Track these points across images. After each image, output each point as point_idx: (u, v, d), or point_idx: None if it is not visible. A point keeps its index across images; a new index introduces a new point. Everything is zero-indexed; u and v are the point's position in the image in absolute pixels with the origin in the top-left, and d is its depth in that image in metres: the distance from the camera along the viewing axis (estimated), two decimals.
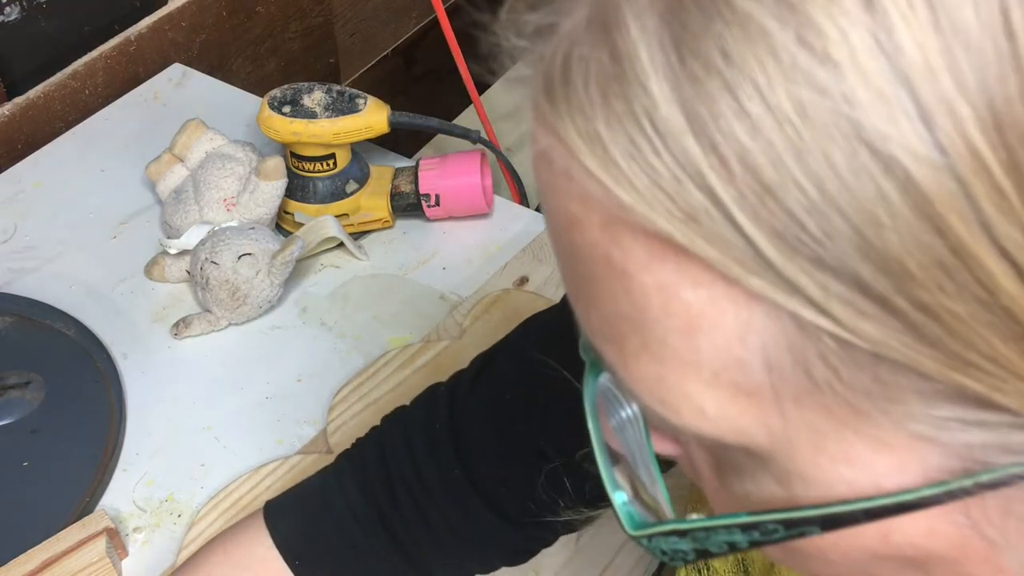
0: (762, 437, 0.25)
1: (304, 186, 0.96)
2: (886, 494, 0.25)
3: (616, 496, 0.30)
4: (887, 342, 0.22)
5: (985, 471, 0.24)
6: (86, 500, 0.78)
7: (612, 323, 0.26)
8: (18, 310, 0.90)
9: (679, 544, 0.29)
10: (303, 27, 1.36)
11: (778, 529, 0.26)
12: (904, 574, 0.27)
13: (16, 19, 1.04)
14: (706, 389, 0.25)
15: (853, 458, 0.25)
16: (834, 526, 0.26)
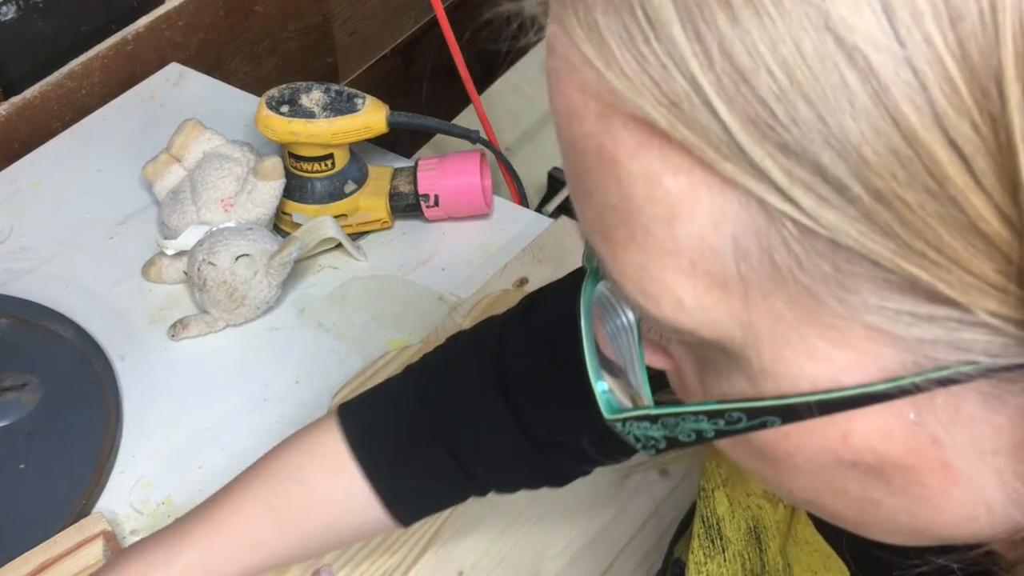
0: (734, 331, 0.27)
1: (302, 186, 0.96)
2: (843, 388, 0.26)
3: (598, 385, 0.32)
4: (844, 229, 0.24)
5: (935, 369, 0.25)
6: (83, 503, 0.78)
7: (603, 215, 0.28)
8: (14, 311, 0.90)
9: (651, 431, 0.31)
10: (301, 26, 1.36)
11: (741, 418, 0.28)
12: (868, 487, 0.29)
13: (12, 18, 1.03)
14: (684, 279, 0.27)
15: (815, 354, 0.26)
16: (793, 417, 0.28)
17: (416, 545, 0.76)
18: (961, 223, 0.23)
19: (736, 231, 0.25)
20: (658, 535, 0.77)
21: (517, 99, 1.33)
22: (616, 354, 0.33)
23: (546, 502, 0.79)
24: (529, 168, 1.20)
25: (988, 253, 0.24)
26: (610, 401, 0.33)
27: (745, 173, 0.24)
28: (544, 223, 1.01)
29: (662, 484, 0.80)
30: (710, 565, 0.50)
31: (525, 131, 1.29)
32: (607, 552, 0.76)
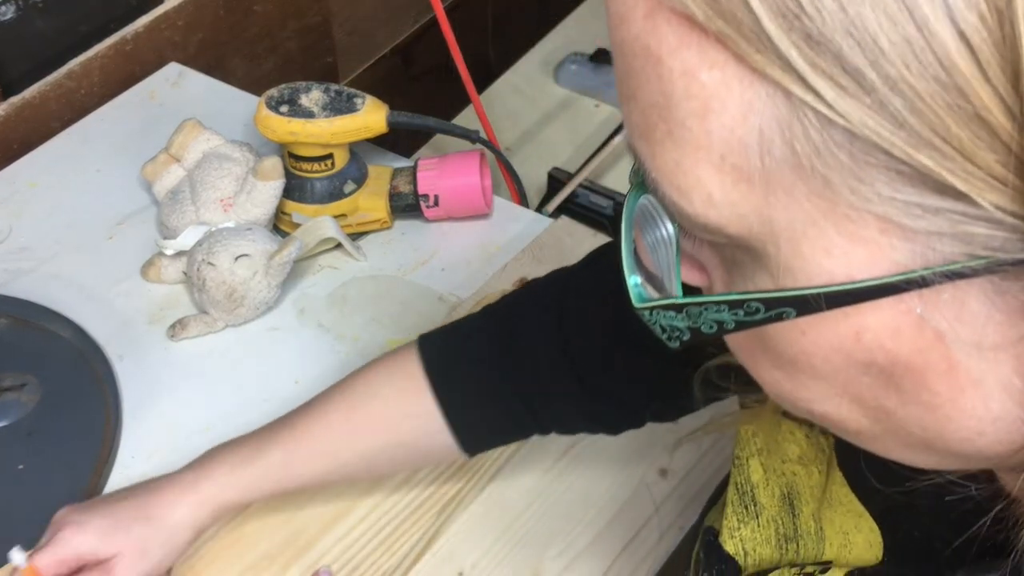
0: (758, 226, 0.29)
1: (302, 186, 0.95)
2: (857, 281, 0.28)
3: (630, 279, 0.34)
4: (860, 118, 0.25)
5: (942, 263, 0.27)
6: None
7: (646, 114, 0.29)
8: (13, 311, 0.90)
9: (675, 320, 0.33)
10: (301, 26, 1.36)
11: (759, 308, 0.30)
12: (880, 395, 0.31)
13: (12, 18, 1.03)
14: (714, 173, 0.28)
15: (832, 249, 0.28)
16: (808, 309, 0.29)
17: (416, 545, 0.76)
18: (967, 113, 0.25)
19: (762, 123, 0.27)
20: (658, 535, 0.77)
21: (517, 99, 1.33)
22: (655, 265, 0.35)
23: (546, 502, 0.79)
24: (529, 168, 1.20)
25: (991, 144, 0.25)
26: (640, 293, 0.34)
27: (773, 64, 0.26)
28: (544, 223, 1.01)
29: (662, 484, 0.80)
30: (743, 530, 0.51)
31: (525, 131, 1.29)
32: (607, 552, 0.76)
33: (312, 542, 0.76)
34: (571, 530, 0.77)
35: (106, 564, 0.66)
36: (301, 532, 0.76)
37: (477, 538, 0.77)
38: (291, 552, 0.75)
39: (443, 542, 0.77)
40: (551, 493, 0.80)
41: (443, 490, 0.79)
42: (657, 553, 0.76)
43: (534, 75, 1.37)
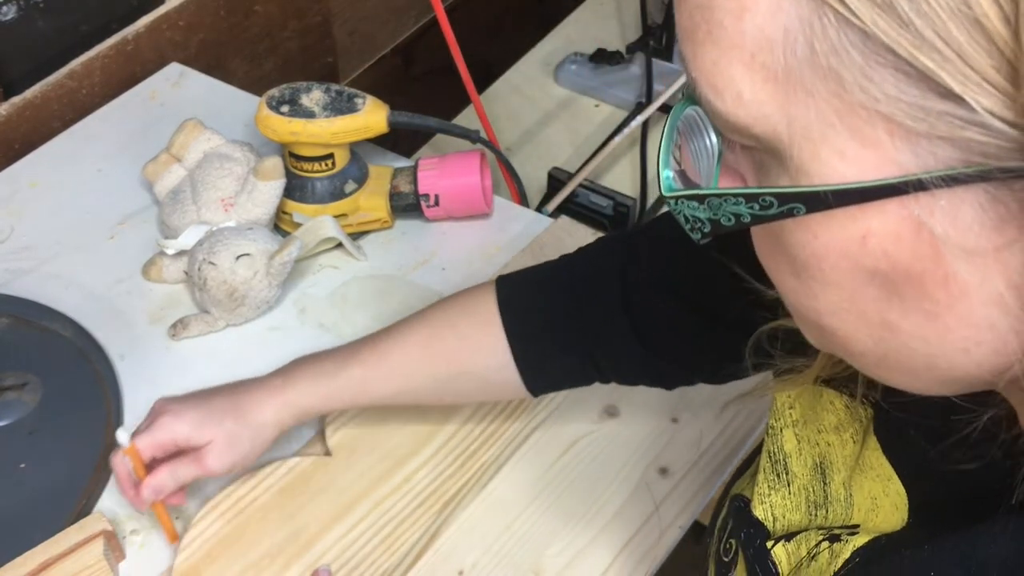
0: (781, 126, 0.32)
1: (302, 186, 0.96)
2: (863, 182, 0.31)
3: (664, 172, 0.37)
4: (872, 18, 0.28)
5: (941, 170, 0.30)
6: (83, 502, 0.78)
7: (693, 16, 0.33)
8: (15, 311, 0.90)
9: (697, 211, 0.36)
10: (301, 26, 1.36)
11: (772, 203, 0.33)
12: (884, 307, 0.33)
13: (13, 18, 1.03)
14: (745, 72, 0.31)
15: (845, 152, 0.31)
16: (816, 205, 0.32)
17: (417, 544, 0.76)
18: (968, 18, 0.27)
19: (787, 22, 0.30)
20: (658, 533, 0.77)
21: (517, 99, 1.33)
22: (696, 172, 0.37)
23: (547, 501, 0.79)
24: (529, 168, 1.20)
25: (988, 49, 0.27)
26: (670, 184, 0.37)
27: None
28: (544, 223, 1.01)
29: (662, 484, 0.80)
30: (774, 496, 0.53)
31: (525, 131, 1.29)
32: (607, 551, 0.76)
33: (312, 541, 0.76)
34: (571, 529, 0.77)
35: (198, 451, 0.72)
36: (302, 531, 0.77)
37: (477, 537, 0.77)
38: (292, 550, 0.75)
39: (443, 541, 0.77)
40: (551, 492, 0.80)
41: (443, 489, 0.79)
42: (657, 552, 0.76)
43: (534, 75, 1.37)
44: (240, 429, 0.72)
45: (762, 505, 0.53)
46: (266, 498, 0.78)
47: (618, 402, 0.85)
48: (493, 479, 0.80)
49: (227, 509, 0.77)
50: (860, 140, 0.30)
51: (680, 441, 0.83)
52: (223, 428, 0.71)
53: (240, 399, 0.73)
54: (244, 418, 0.72)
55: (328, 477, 0.80)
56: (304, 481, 0.79)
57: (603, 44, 1.36)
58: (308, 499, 0.78)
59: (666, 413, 0.85)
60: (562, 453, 0.82)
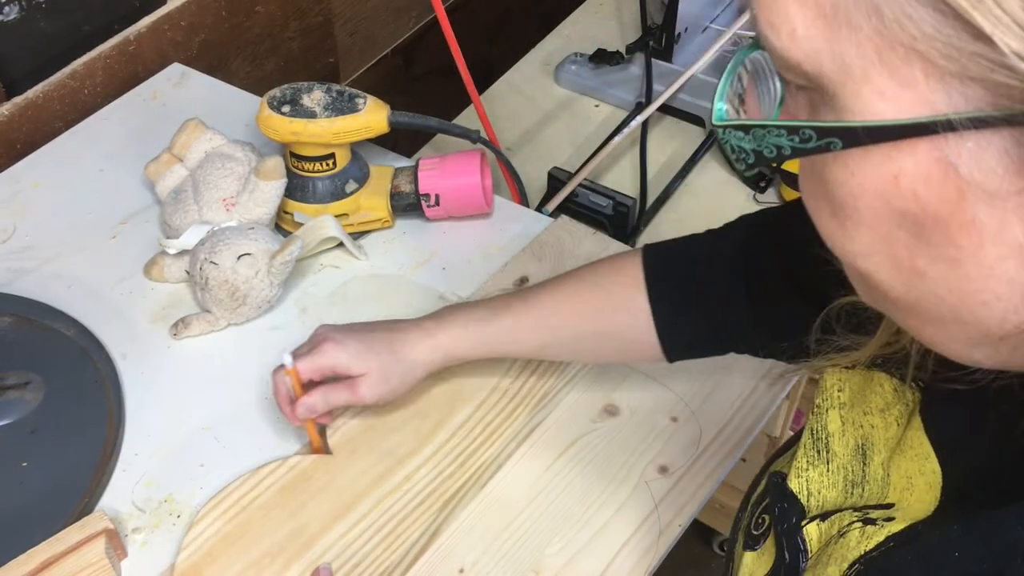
0: (828, 64, 0.34)
1: (304, 186, 0.96)
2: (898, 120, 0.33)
3: (718, 104, 0.40)
4: None
5: (971, 111, 0.31)
6: (85, 501, 0.78)
7: None
8: (17, 310, 0.90)
9: (743, 141, 0.38)
10: (302, 26, 1.36)
11: (811, 136, 0.35)
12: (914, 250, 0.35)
13: (15, 19, 1.04)
14: (799, 9, 0.34)
15: (885, 91, 0.33)
16: (852, 142, 0.34)
17: (417, 542, 0.76)
18: None
19: None
20: (658, 532, 0.77)
21: (517, 99, 1.34)
22: (757, 111, 0.40)
23: (547, 499, 0.79)
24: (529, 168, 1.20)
25: None
26: (721, 115, 0.40)
27: None
28: (544, 222, 1.01)
29: (662, 483, 0.80)
30: (811, 472, 0.54)
31: (525, 131, 1.29)
32: (607, 550, 0.76)
33: (314, 539, 0.76)
34: (571, 527, 0.78)
35: (352, 380, 0.77)
36: (303, 529, 0.77)
37: (478, 535, 0.77)
38: (293, 549, 0.76)
39: (444, 539, 0.77)
40: (551, 490, 0.80)
41: (444, 487, 0.79)
42: (657, 550, 0.77)
43: (534, 75, 1.37)
44: (394, 364, 0.77)
45: (798, 479, 0.54)
46: (267, 496, 0.78)
47: (618, 401, 0.86)
48: (493, 478, 0.81)
49: (228, 507, 0.78)
50: (898, 80, 0.32)
51: (680, 440, 0.83)
52: (379, 361, 0.76)
53: (396, 337, 0.78)
54: (398, 355, 0.77)
55: (329, 476, 0.80)
56: (305, 480, 0.80)
57: (603, 44, 1.36)
58: (309, 498, 0.79)
59: (665, 412, 0.85)
60: (562, 452, 0.82)
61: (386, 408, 0.83)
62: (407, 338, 0.78)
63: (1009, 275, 0.34)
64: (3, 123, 1.06)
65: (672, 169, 1.21)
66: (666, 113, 1.29)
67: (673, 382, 0.87)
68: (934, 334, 0.39)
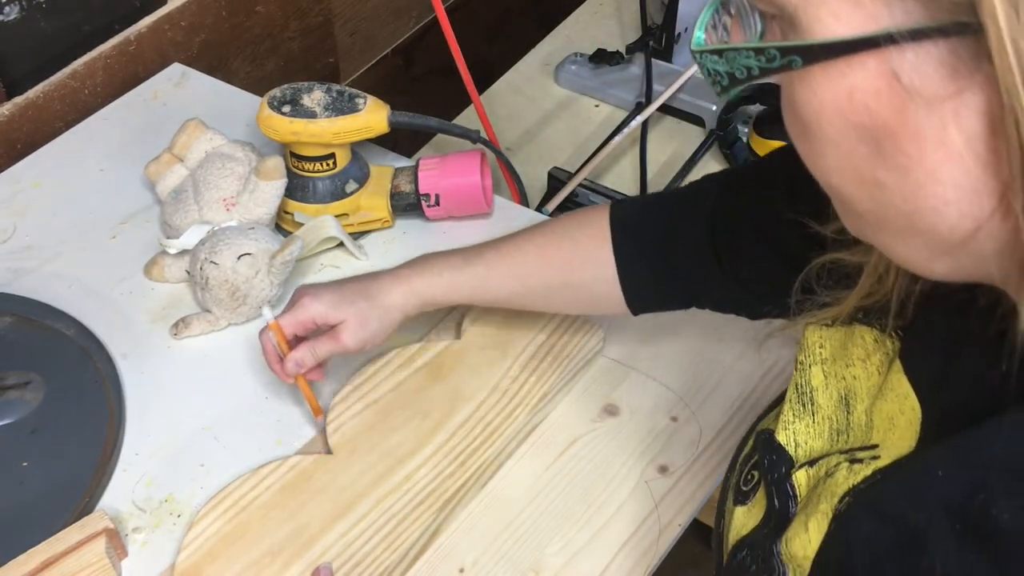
0: None
1: (304, 186, 0.96)
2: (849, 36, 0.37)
3: (697, 33, 0.44)
4: None
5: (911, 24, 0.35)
6: (85, 500, 0.78)
7: None
8: (17, 310, 0.90)
9: (717, 64, 0.42)
10: (303, 27, 1.36)
11: (775, 56, 0.39)
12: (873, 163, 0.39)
13: (15, 19, 1.04)
14: None
15: (839, 14, 0.37)
16: (810, 58, 0.38)
17: (418, 542, 0.76)
18: None
19: None
20: (658, 532, 0.77)
21: (517, 99, 1.34)
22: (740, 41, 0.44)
23: (547, 499, 0.79)
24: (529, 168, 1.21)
25: None
26: (699, 40, 0.44)
27: None
28: None
29: (662, 482, 0.80)
30: (797, 424, 0.56)
31: (525, 131, 1.29)
32: (607, 549, 0.76)
33: (314, 539, 0.76)
34: (571, 527, 0.78)
35: (334, 330, 0.79)
36: (303, 529, 0.77)
37: (478, 535, 0.77)
38: (293, 548, 0.76)
39: (444, 539, 0.77)
40: (551, 490, 0.80)
41: (444, 487, 0.79)
42: (657, 550, 0.77)
43: (534, 75, 1.37)
44: (370, 309, 0.79)
45: (785, 432, 0.56)
46: (267, 496, 0.79)
47: (618, 401, 0.86)
48: (493, 478, 0.81)
49: (228, 507, 0.78)
50: (850, 1, 0.37)
51: (679, 440, 0.83)
52: (355, 308, 0.79)
53: (370, 285, 0.81)
54: (374, 300, 0.80)
55: (329, 475, 0.80)
56: (305, 479, 0.80)
57: (603, 44, 1.36)
58: (309, 497, 0.79)
59: (665, 412, 0.85)
60: (562, 452, 0.82)
61: (386, 408, 0.83)
62: (382, 285, 0.81)
63: (953, 179, 0.38)
64: (3, 123, 1.06)
65: (672, 169, 1.21)
66: (666, 113, 1.29)
67: (673, 382, 0.87)
68: (901, 249, 0.43)
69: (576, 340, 0.89)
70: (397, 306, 0.80)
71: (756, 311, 0.76)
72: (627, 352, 0.90)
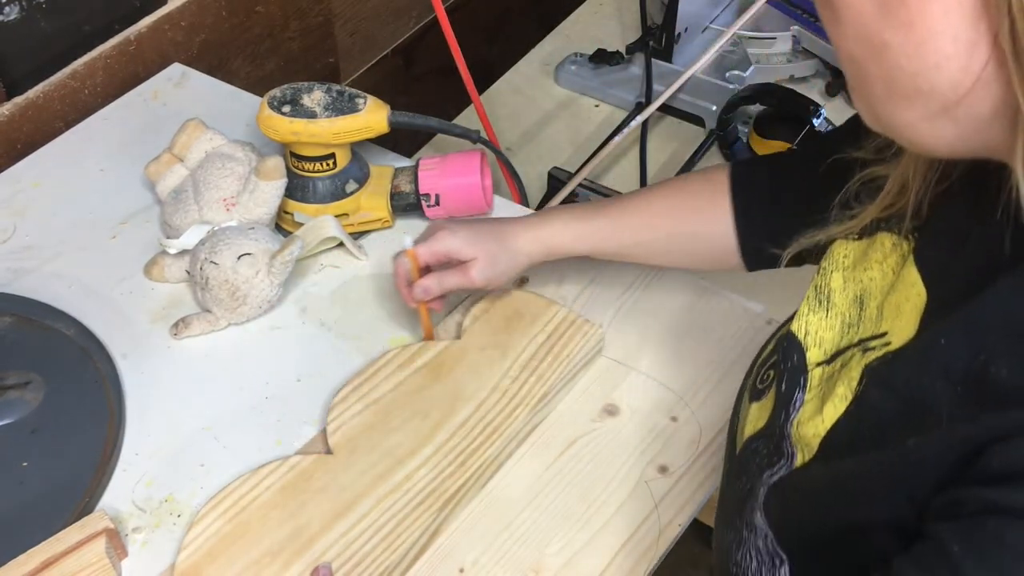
0: None
1: (304, 186, 0.96)
2: None
3: None
4: None
5: None
6: (85, 500, 0.78)
7: None
8: (17, 310, 0.90)
9: None
10: (303, 27, 1.36)
11: None
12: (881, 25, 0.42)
13: (16, 19, 1.04)
14: None
15: None
16: None
17: (418, 542, 0.76)
18: None
19: None
20: (658, 532, 0.77)
21: (517, 99, 1.34)
22: None
23: (547, 499, 0.79)
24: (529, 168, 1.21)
25: None
26: None
27: None
28: None
29: (661, 482, 0.80)
30: (811, 316, 0.60)
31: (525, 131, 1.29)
32: (607, 549, 0.76)
33: (314, 538, 0.76)
34: (571, 527, 0.78)
35: (464, 265, 0.84)
36: (303, 528, 0.77)
37: (478, 535, 0.77)
38: (293, 548, 0.76)
39: (444, 539, 0.77)
40: (551, 490, 0.80)
41: (444, 487, 0.79)
42: (657, 550, 0.77)
43: (534, 75, 1.37)
44: (501, 250, 0.84)
45: (798, 322, 0.60)
46: (267, 496, 0.79)
47: (618, 401, 0.86)
48: (493, 478, 0.81)
49: (228, 507, 0.78)
50: None
51: (679, 439, 0.83)
52: (487, 247, 0.84)
53: (502, 228, 0.86)
54: (505, 243, 0.85)
55: (329, 475, 0.80)
56: (305, 479, 0.80)
57: (603, 44, 1.36)
58: (309, 497, 0.79)
59: (665, 412, 0.85)
60: (562, 451, 0.82)
61: (386, 408, 0.83)
62: (513, 229, 0.85)
63: (953, 31, 0.40)
64: (3, 123, 1.06)
65: (672, 169, 1.21)
66: (666, 113, 1.29)
67: (673, 382, 0.87)
68: (908, 115, 0.45)
69: (576, 340, 0.89)
70: (525, 251, 0.85)
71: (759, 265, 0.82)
72: (627, 352, 0.90)
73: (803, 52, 1.33)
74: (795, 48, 1.33)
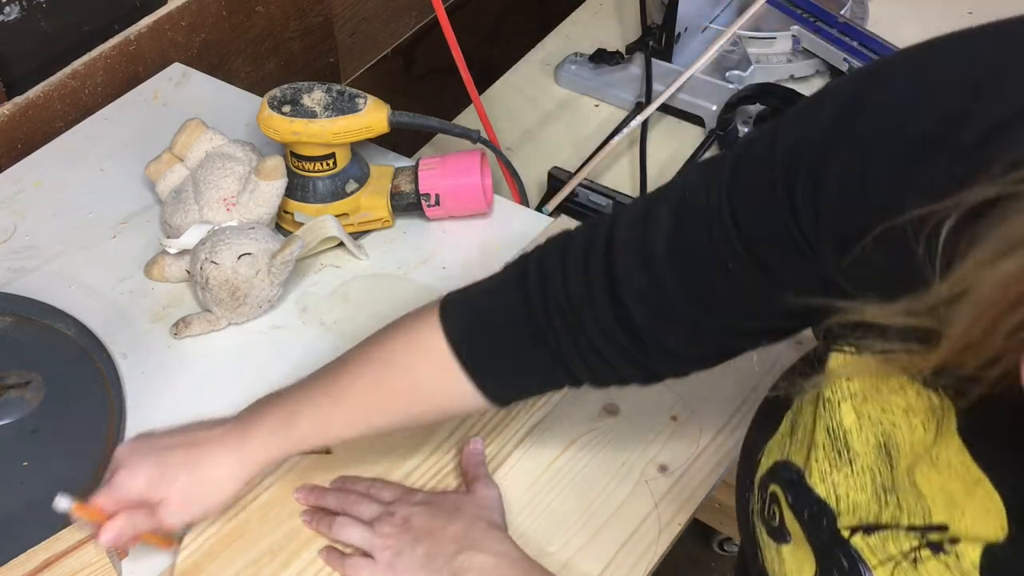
0: None
1: (304, 186, 0.96)
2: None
3: None
4: None
5: None
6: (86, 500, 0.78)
7: None
8: (18, 310, 0.91)
9: None
10: (303, 26, 1.37)
11: None
12: None
13: (16, 19, 1.04)
14: None
15: None
16: None
17: None
18: None
19: None
20: (657, 531, 0.77)
21: (517, 99, 1.34)
22: None
23: (546, 498, 0.79)
24: (529, 167, 1.21)
25: None
26: None
27: None
28: (544, 222, 1.02)
29: (661, 481, 0.81)
30: (836, 475, 0.51)
31: (525, 131, 1.29)
32: (606, 548, 0.76)
33: (314, 538, 0.76)
34: (570, 526, 0.78)
35: (154, 507, 0.70)
36: (303, 528, 0.77)
37: None
38: (292, 547, 0.76)
39: None
40: (551, 490, 0.80)
41: (443, 486, 0.79)
42: (656, 549, 0.77)
43: (534, 75, 1.37)
44: (195, 487, 0.70)
45: (823, 483, 0.51)
46: (267, 496, 0.79)
47: (618, 400, 0.86)
48: (493, 477, 0.81)
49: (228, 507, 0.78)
50: None
51: (679, 438, 0.83)
52: (176, 486, 0.70)
53: (196, 454, 0.71)
54: (200, 475, 0.70)
55: (329, 475, 0.80)
56: (304, 478, 0.80)
57: (603, 44, 1.36)
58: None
59: (665, 411, 0.85)
60: (562, 451, 0.82)
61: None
62: (210, 454, 0.71)
63: None
64: (4, 123, 1.06)
65: (672, 169, 1.21)
66: (666, 113, 1.29)
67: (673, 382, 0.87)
68: None
69: None
70: (230, 478, 0.71)
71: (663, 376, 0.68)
72: None
73: (803, 52, 1.33)
74: (795, 48, 1.33)
